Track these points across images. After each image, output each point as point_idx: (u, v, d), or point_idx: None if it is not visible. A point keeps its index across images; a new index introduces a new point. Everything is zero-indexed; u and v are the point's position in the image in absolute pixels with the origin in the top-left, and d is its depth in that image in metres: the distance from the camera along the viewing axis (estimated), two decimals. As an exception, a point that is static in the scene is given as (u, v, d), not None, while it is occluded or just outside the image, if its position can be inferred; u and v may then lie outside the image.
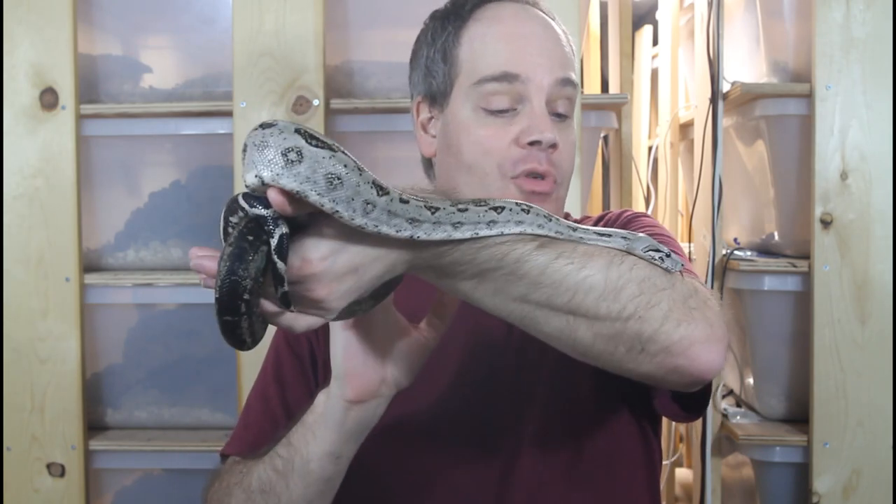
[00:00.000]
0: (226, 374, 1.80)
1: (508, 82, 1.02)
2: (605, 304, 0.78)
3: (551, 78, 1.04)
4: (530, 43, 1.05)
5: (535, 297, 0.78)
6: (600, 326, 0.78)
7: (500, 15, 1.07)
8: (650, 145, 2.91)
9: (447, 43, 1.08)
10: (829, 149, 1.68)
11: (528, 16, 1.08)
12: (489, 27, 1.06)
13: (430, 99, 1.09)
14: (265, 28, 1.70)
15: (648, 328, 0.78)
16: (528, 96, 1.03)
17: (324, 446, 0.88)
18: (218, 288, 0.69)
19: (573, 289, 0.77)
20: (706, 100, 1.92)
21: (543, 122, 1.02)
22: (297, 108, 1.70)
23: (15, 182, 1.75)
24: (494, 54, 1.04)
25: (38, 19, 1.73)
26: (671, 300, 0.79)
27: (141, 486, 1.87)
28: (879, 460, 1.68)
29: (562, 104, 1.05)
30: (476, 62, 1.05)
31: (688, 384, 0.83)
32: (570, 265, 0.78)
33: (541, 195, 1.02)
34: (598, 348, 0.80)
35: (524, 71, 1.03)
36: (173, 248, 1.87)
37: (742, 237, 2.03)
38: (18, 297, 1.75)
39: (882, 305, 1.67)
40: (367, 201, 0.69)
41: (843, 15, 1.67)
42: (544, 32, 1.07)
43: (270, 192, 0.68)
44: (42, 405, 1.75)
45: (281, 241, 0.69)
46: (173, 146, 1.89)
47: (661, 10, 2.63)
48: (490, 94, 1.03)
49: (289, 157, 0.68)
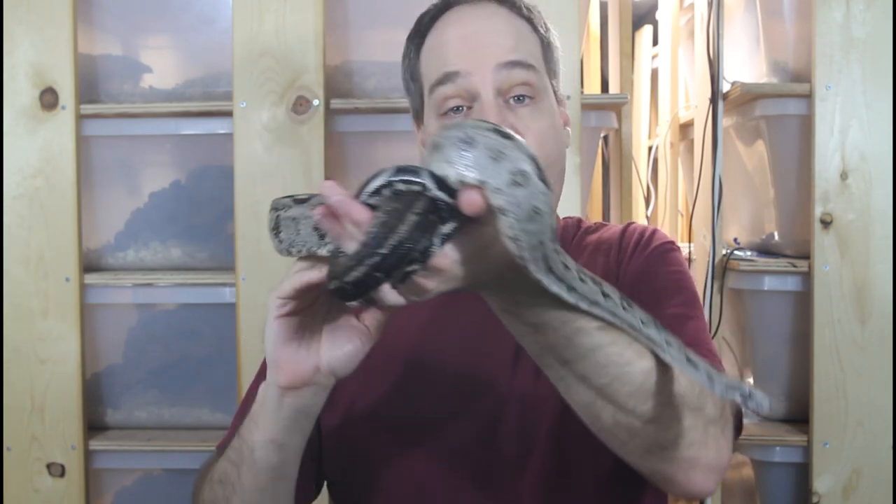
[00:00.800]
0: (226, 374, 1.80)
1: (452, 81, 1.02)
2: (634, 401, 0.80)
3: (493, 63, 1.02)
4: (471, 39, 1.04)
5: (577, 367, 0.79)
6: (623, 417, 0.81)
7: (449, 21, 1.08)
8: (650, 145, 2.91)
9: (411, 62, 1.10)
10: (829, 149, 1.68)
11: (477, 14, 1.07)
12: (439, 36, 1.07)
13: (416, 116, 1.12)
14: (265, 28, 1.70)
15: (664, 438, 0.81)
16: (477, 91, 1.02)
17: (265, 434, 0.88)
18: (390, 246, 0.67)
19: (613, 376, 0.79)
20: (706, 100, 1.92)
21: (489, 112, 1.00)
22: (297, 108, 1.70)
23: (15, 182, 1.75)
24: (438, 59, 1.05)
25: (38, 19, 1.73)
26: (695, 420, 0.82)
27: (141, 486, 1.87)
28: (879, 460, 1.68)
29: (520, 88, 1.03)
30: (428, 72, 1.06)
31: (673, 494, 0.86)
32: (620, 357, 0.79)
33: None
34: (614, 432, 0.83)
35: (463, 66, 1.02)
36: (173, 248, 1.87)
37: (742, 237, 2.03)
38: (18, 297, 1.75)
39: (882, 305, 1.67)
40: (542, 242, 0.70)
41: (843, 15, 1.67)
42: (490, 24, 1.06)
43: (473, 193, 0.68)
44: (42, 405, 1.75)
45: (452, 232, 0.70)
46: (173, 146, 1.89)
47: (661, 10, 2.63)
48: (442, 99, 1.03)
49: (516, 178, 0.68)
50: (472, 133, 0.69)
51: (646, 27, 2.94)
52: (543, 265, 0.72)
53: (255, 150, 1.71)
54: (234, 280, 1.73)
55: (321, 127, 1.70)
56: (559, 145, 1.08)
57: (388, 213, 0.69)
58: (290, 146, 1.71)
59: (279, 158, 1.71)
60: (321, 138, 1.70)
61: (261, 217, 1.71)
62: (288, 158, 1.71)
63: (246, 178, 1.71)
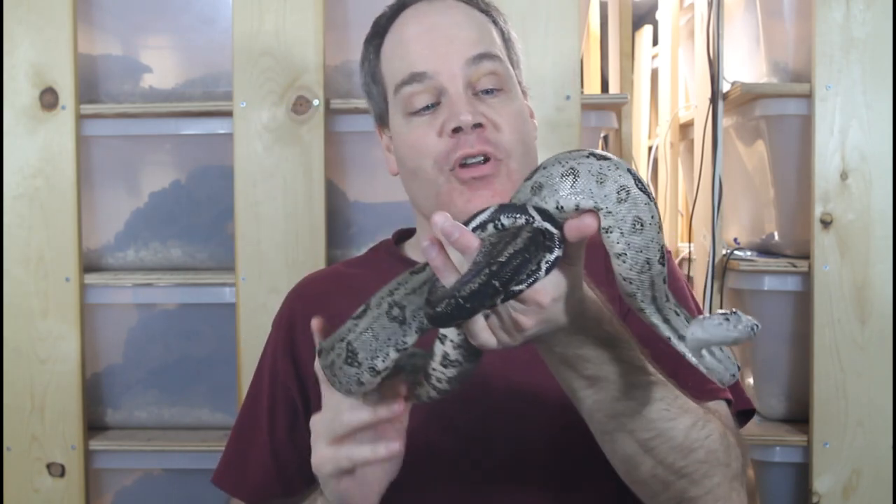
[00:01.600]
0: (226, 374, 1.80)
1: (420, 81, 1.03)
2: (674, 456, 0.85)
3: (461, 60, 1.03)
4: (434, 35, 1.05)
5: (627, 422, 0.84)
6: (661, 470, 0.85)
7: (406, 20, 1.08)
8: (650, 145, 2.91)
9: (372, 64, 1.11)
10: (829, 149, 1.68)
11: (434, 9, 1.08)
12: (397, 35, 1.08)
13: (380, 120, 1.13)
14: (265, 28, 1.70)
15: (694, 492, 0.87)
16: (445, 87, 1.02)
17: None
18: (494, 271, 0.69)
19: (658, 431, 0.84)
20: (706, 100, 1.92)
21: (460, 106, 1.01)
22: (297, 108, 1.70)
23: (15, 182, 1.75)
24: (402, 59, 1.05)
25: (38, 19, 1.73)
26: (723, 477, 0.88)
27: (141, 486, 1.86)
28: (879, 460, 1.68)
29: (487, 80, 1.04)
30: (391, 72, 1.07)
31: None
32: (667, 412, 0.84)
33: (482, 180, 1.01)
34: (648, 484, 0.87)
35: (430, 65, 1.03)
36: (173, 248, 1.87)
37: (742, 237, 2.03)
38: (18, 297, 1.75)
39: (882, 305, 1.67)
40: (649, 259, 0.74)
41: (843, 15, 1.67)
42: (448, 18, 1.06)
43: (587, 218, 0.71)
44: (42, 405, 1.75)
45: (555, 261, 0.73)
46: (173, 146, 1.89)
47: (661, 10, 2.63)
48: (409, 97, 1.04)
49: (620, 195, 0.72)
50: (573, 164, 0.73)
51: (646, 27, 2.94)
52: (649, 293, 0.76)
53: (254, 150, 1.71)
54: (234, 280, 1.73)
55: (321, 127, 1.70)
56: (530, 133, 1.09)
57: (493, 243, 0.72)
58: (290, 146, 1.71)
59: (279, 158, 1.71)
60: (321, 138, 1.70)
61: (261, 217, 1.71)
62: (288, 158, 1.71)
63: (246, 178, 1.71)
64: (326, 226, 1.72)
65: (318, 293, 1.16)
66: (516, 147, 1.04)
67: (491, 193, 1.00)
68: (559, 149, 1.68)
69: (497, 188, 1.01)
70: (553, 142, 1.66)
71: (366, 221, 1.82)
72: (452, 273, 0.72)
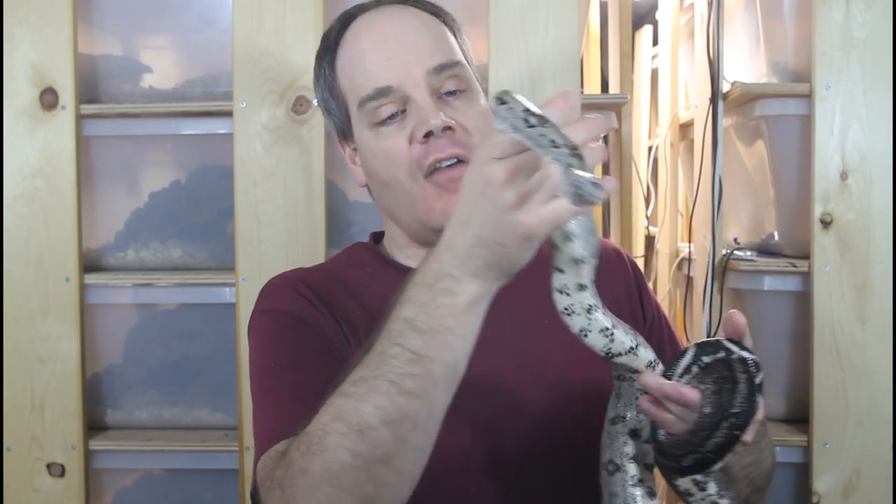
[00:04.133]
0: (226, 374, 1.80)
1: (385, 95, 1.03)
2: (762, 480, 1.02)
3: (422, 70, 1.03)
4: (390, 45, 1.05)
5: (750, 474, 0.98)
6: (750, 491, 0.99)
7: (358, 32, 1.08)
8: (650, 145, 2.91)
9: (328, 80, 1.11)
10: (829, 149, 1.68)
11: (384, 18, 1.07)
12: (352, 49, 1.08)
13: (341, 134, 1.13)
14: (265, 28, 1.70)
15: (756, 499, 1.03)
16: (409, 95, 1.03)
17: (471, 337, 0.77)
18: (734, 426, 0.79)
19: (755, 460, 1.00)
20: (706, 100, 1.92)
21: (428, 111, 1.02)
22: (297, 108, 1.70)
23: (15, 182, 1.75)
24: (363, 73, 1.05)
25: (38, 19, 1.73)
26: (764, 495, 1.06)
27: (141, 486, 1.86)
28: (879, 460, 1.68)
29: (451, 83, 1.05)
30: (352, 87, 1.07)
31: None
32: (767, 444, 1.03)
33: (458, 181, 0.99)
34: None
35: (394, 79, 1.03)
36: (173, 248, 1.87)
37: (742, 237, 2.03)
38: (18, 297, 1.75)
39: (882, 305, 1.67)
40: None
41: (843, 15, 1.67)
42: (403, 26, 1.06)
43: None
44: (42, 405, 1.75)
45: (762, 383, 0.81)
46: (173, 146, 1.89)
47: (661, 10, 2.63)
48: (374, 110, 1.04)
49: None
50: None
51: (646, 27, 2.93)
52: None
53: (254, 150, 1.71)
54: (234, 280, 1.73)
55: (321, 127, 1.70)
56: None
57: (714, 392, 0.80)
58: (290, 146, 1.71)
59: (279, 158, 1.71)
60: (321, 138, 1.70)
61: (261, 217, 1.71)
62: (288, 158, 1.71)
63: (246, 178, 1.71)
64: (326, 226, 1.72)
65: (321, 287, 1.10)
66: None
67: None
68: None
69: None
70: (553, 142, 1.66)
71: (366, 221, 1.82)
72: (678, 424, 0.81)
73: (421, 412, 0.76)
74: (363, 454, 0.75)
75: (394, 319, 0.78)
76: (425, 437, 0.77)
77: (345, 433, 0.76)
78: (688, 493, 0.86)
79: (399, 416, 0.75)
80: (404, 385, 0.75)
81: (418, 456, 0.77)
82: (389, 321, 0.78)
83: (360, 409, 0.76)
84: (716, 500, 0.86)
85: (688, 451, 0.78)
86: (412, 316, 0.76)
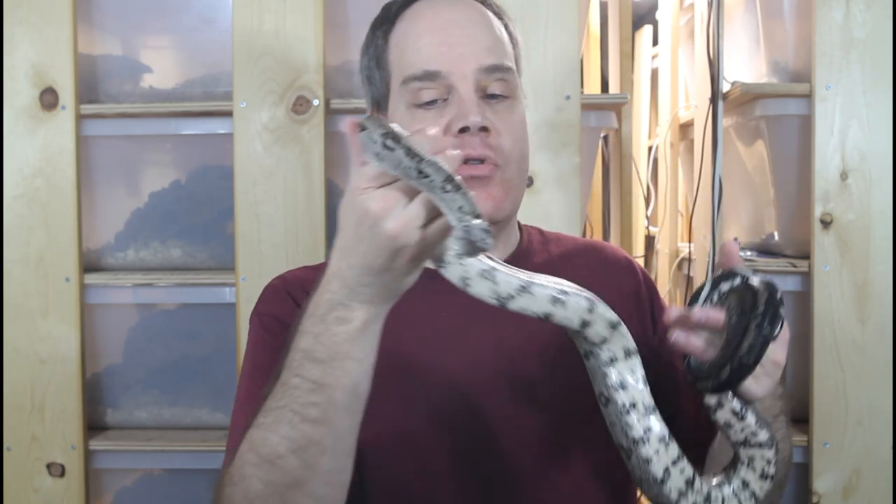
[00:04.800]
0: (226, 374, 1.80)
1: (432, 80, 1.03)
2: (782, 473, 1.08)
3: (475, 65, 1.03)
4: (451, 33, 1.05)
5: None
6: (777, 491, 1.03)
7: (421, 11, 1.08)
8: (650, 145, 2.91)
9: (379, 49, 1.10)
10: (829, 149, 1.68)
11: (450, 4, 1.07)
12: (411, 25, 1.07)
13: (376, 105, 1.12)
14: (265, 28, 1.70)
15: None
16: (455, 86, 1.03)
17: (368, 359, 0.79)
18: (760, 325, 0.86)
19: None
20: (706, 100, 1.92)
21: (470, 107, 1.01)
22: (297, 108, 1.70)
23: (15, 182, 1.75)
24: (416, 52, 1.05)
25: (38, 19, 1.73)
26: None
27: (141, 486, 1.87)
28: (879, 460, 1.68)
29: (496, 86, 1.05)
30: (401, 63, 1.06)
31: None
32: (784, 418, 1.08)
33: (480, 179, 1.01)
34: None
35: (445, 66, 1.03)
36: (173, 248, 1.87)
37: (742, 237, 2.03)
38: (18, 297, 1.75)
39: (882, 305, 1.67)
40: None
41: (843, 15, 1.67)
42: (467, 18, 1.06)
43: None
44: (42, 405, 1.75)
45: (782, 298, 0.89)
46: (173, 146, 1.89)
47: (661, 10, 2.63)
48: (417, 91, 1.04)
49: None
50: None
51: (646, 27, 2.94)
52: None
53: (254, 150, 1.71)
54: (234, 280, 1.73)
55: (321, 127, 1.70)
56: (527, 145, 1.09)
57: (735, 305, 0.86)
58: (290, 146, 1.71)
59: (279, 158, 1.71)
60: (321, 138, 1.70)
61: (261, 217, 1.71)
62: (288, 158, 1.71)
63: (246, 178, 1.71)
64: (326, 226, 1.72)
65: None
66: (513, 158, 1.05)
67: (485, 196, 1.02)
68: (559, 149, 1.69)
69: (491, 192, 1.02)
70: (553, 142, 1.66)
71: (366, 221, 1.82)
72: (709, 351, 0.87)
73: (326, 437, 0.79)
74: (274, 482, 0.79)
75: (294, 350, 0.80)
76: (334, 460, 0.80)
77: (256, 463, 0.80)
78: (728, 424, 0.90)
79: (305, 443, 0.78)
80: (307, 414, 0.78)
81: (331, 479, 0.81)
82: (290, 351, 0.81)
83: (268, 439, 0.79)
84: (755, 430, 0.90)
85: (722, 366, 0.83)
86: (309, 347, 0.79)
